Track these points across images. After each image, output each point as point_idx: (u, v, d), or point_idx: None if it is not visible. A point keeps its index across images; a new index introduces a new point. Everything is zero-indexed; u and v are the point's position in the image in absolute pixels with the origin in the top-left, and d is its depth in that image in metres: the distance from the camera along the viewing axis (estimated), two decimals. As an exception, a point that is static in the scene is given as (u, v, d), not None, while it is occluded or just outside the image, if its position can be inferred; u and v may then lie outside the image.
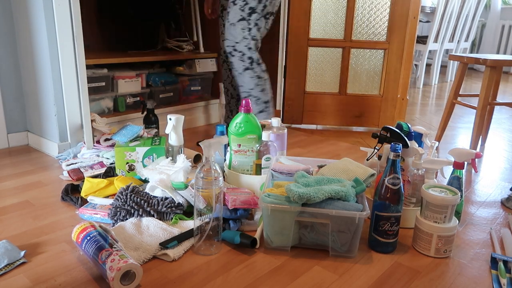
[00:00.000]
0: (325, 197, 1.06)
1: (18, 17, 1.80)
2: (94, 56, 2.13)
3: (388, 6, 2.24)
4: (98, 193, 1.35)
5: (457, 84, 2.18)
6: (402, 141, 1.28)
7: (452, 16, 4.13)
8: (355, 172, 1.24)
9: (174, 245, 1.09)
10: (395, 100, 2.39)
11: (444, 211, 1.09)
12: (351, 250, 1.10)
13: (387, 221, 1.10)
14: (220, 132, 1.62)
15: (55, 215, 1.28)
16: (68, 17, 1.65)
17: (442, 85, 4.51)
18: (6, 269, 0.99)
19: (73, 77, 1.72)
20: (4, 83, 1.87)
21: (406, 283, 1.01)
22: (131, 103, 2.20)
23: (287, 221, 1.09)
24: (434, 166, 1.29)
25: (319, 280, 1.01)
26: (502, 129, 2.66)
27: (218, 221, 1.09)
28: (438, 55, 4.35)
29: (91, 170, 1.56)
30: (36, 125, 1.91)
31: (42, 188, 1.48)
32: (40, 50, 1.73)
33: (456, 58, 2.17)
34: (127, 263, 0.91)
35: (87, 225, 1.05)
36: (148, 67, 2.36)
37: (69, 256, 1.06)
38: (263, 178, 1.38)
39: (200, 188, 1.05)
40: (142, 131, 1.65)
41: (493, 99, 2.18)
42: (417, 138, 1.35)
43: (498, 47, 5.45)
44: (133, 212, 1.21)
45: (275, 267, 1.05)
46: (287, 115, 2.48)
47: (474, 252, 1.16)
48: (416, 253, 1.15)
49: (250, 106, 1.41)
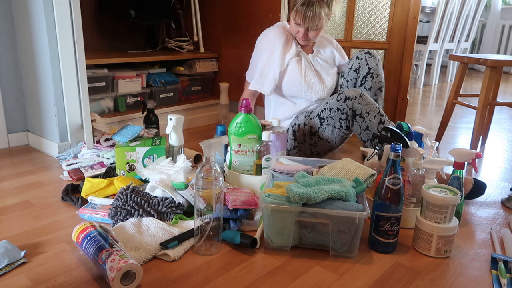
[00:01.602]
0: (326, 197, 1.06)
1: (18, 17, 1.80)
2: (94, 56, 2.13)
3: (388, 6, 2.24)
4: (99, 193, 1.35)
5: (457, 84, 2.18)
6: (403, 141, 1.28)
7: (452, 16, 4.13)
8: (355, 172, 1.24)
9: (175, 245, 1.09)
10: (395, 100, 2.39)
11: (445, 211, 1.09)
12: (352, 250, 1.10)
13: (388, 221, 1.10)
14: (220, 132, 1.63)
15: (55, 215, 1.28)
16: (68, 17, 1.65)
17: (442, 85, 4.51)
18: (6, 269, 1.00)
19: (74, 77, 1.72)
20: (4, 83, 1.87)
21: (407, 283, 1.01)
22: (132, 103, 2.21)
23: (287, 221, 1.09)
24: (434, 166, 1.29)
25: (319, 280, 1.01)
26: (502, 129, 2.66)
27: (218, 221, 1.09)
28: (438, 55, 4.35)
29: (92, 170, 1.56)
30: (36, 125, 1.91)
31: (43, 188, 1.48)
32: (40, 50, 1.73)
33: (457, 58, 2.17)
34: (127, 263, 0.91)
35: (88, 225, 1.05)
36: (149, 67, 2.36)
37: (69, 256, 1.06)
38: (263, 178, 1.38)
39: (201, 188, 1.05)
40: (143, 131, 1.65)
41: (493, 99, 2.18)
42: (417, 138, 1.35)
43: (498, 47, 5.45)
44: (133, 212, 1.21)
45: (275, 267, 1.05)
46: (287, 115, 2.48)
47: (474, 252, 1.16)
48: (417, 253, 1.15)
49: (250, 106, 1.41)
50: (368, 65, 1.74)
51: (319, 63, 1.82)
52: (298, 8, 1.65)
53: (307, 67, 1.77)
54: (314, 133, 1.72)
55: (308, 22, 1.65)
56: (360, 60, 1.75)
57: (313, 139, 1.73)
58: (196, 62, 2.49)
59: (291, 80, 1.75)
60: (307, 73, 1.76)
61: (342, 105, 1.60)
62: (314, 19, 1.64)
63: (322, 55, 1.85)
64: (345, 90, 1.63)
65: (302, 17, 1.65)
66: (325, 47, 1.87)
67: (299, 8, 1.64)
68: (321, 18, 1.65)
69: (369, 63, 1.74)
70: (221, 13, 2.48)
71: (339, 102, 1.61)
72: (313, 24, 1.66)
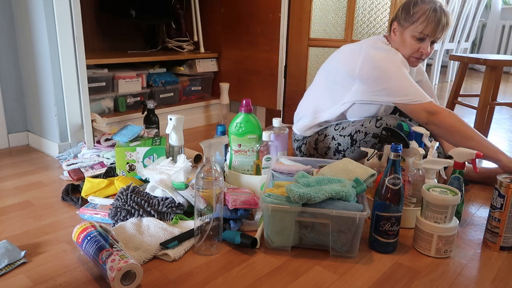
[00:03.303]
0: (326, 197, 1.06)
1: (18, 17, 1.80)
2: (95, 56, 2.13)
3: (388, 6, 2.24)
4: (99, 193, 1.35)
5: (457, 84, 2.18)
6: (403, 141, 1.28)
7: (452, 16, 4.13)
8: (355, 172, 1.24)
9: (175, 245, 1.09)
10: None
11: (445, 211, 1.09)
12: (352, 250, 1.10)
13: (388, 221, 1.10)
14: (220, 132, 1.63)
15: (55, 215, 1.28)
16: (69, 17, 1.65)
17: (443, 85, 4.51)
18: (7, 269, 1.00)
19: (74, 77, 1.72)
20: (5, 83, 1.87)
21: (407, 283, 1.01)
22: (132, 103, 2.21)
23: (287, 221, 1.09)
24: (434, 166, 1.29)
25: (319, 280, 1.01)
26: (502, 129, 2.65)
27: (218, 221, 1.09)
28: (438, 55, 4.35)
29: (92, 170, 1.56)
30: (36, 125, 1.91)
31: (43, 188, 1.48)
32: (40, 50, 1.73)
33: (457, 58, 2.17)
34: (127, 263, 0.91)
35: (88, 225, 1.05)
36: (149, 67, 2.36)
37: (69, 256, 1.06)
38: (264, 178, 1.38)
39: (201, 188, 1.05)
40: (143, 131, 1.65)
41: (493, 99, 2.18)
42: (417, 138, 1.35)
43: (499, 47, 5.44)
44: (133, 212, 1.21)
45: (275, 267, 1.05)
46: (287, 115, 2.48)
47: (474, 252, 1.16)
48: (417, 253, 1.15)
49: (250, 106, 1.41)
50: None
51: None
52: (429, 16, 1.43)
53: None
54: (340, 151, 1.62)
55: (441, 31, 1.46)
56: None
57: (336, 156, 1.63)
58: (196, 62, 2.49)
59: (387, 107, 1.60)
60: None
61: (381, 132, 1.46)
62: (447, 27, 1.46)
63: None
64: (384, 117, 1.52)
65: (434, 25, 1.44)
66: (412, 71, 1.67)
67: (431, 15, 1.43)
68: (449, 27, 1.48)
69: None
70: (221, 13, 2.48)
71: (378, 129, 1.50)
72: (444, 34, 1.48)
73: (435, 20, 1.44)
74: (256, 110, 2.50)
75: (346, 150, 1.60)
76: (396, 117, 1.52)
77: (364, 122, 1.57)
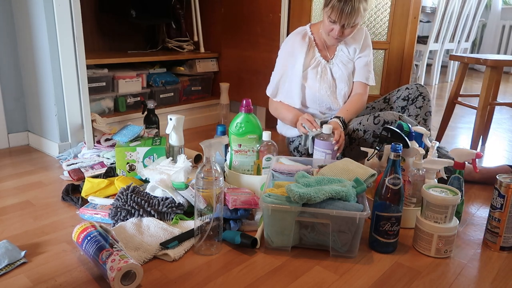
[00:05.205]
0: (326, 197, 1.06)
1: (18, 17, 1.80)
2: (95, 56, 2.13)
3: (388, 6, 2.24)
4: (99, 193, 1.35)
5: (457, 84, 2.18)
6: (403, 141, 1.28)
7: (452, 16, 4.13)
8: (355, 172, 1.24)
9: (175, 245, 1.09)
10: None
11: (445, 211, 1.09)
12: (352, 250, 1.10)
13: (388, 221, 1.10)
14: (220, 132, 1.63)
15: (55, 215, 1.28)
16: (69, 17, 1.65)
17: (443, 85, 4.51)
18: (7, 269, 1.00)
19: (74, 77, 1.72)
20: (5, 83, 1.87)
21: (407, 283, 1.01)
22: (132, 103, 2.21)
23: (287, 221, 1.09)
24: (434, 166, 1.29)
25: (319, 280, 1.01)
26: (502, 129, 2.66)
27: (218, 221, 1.09)
28: (438, 55, 4.35)
29: (92, 170, 1.56)
30: (36, 125, 1.91)
31: (43, 188, 1.48)
32: (40, 50, 1.73)
33: (457, 58, 2.17)
34: (127, 263, 0.91)
35: (88, 225, 1.05)
36: (149, 67, 2.36)
37: (69, 256, 1.06)
38: (264, 178, 1.38)
39: (201, 188, 1.05)
40: (143, 131, 1.65)
41: (493, 99, 2.18)
42: (417, 138, 1.35)
43: (499, 47, 5.44)
44: (133, 212, 1.21)
45: (275, 267, 1.05)
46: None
47: (474, 252, 1.16)
48: (417, 253, 1.15)
49: (250, 106, 1.41)
50: (419, 90, 1.67)
51: (339, 69, 1.71)
52: (334, 4, 1.52)
53: (323, 78, 1.68)
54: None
55: (345, 19, 1.53)
56: (410, 89, 1.68)
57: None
58: (196, 62, 2.49)
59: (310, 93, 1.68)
60: (322, 86, 1.67)
61: (379, 129, 1.49)
62: (352, 15, 1.53)
63: (342, 56, 1.73)
64: (382, 113, 1.54)
65: (339, 13, 1.53)
66: (349, 45, 1.74)
67: (336, 4, 1.52)
68: (359, 14, 1.54)
69: (420, 90, 1.67)
70: (221, 13, 2.48)
71: (376, 126, 1.52)
72: (350, 21, 1.55)
73: (339, 8, 1.52)
74: (256, 110, 2.50)
75: (345, 149, 1.60)
76: (394, 113, 1.52)
77: (362, 119, 1.58)
